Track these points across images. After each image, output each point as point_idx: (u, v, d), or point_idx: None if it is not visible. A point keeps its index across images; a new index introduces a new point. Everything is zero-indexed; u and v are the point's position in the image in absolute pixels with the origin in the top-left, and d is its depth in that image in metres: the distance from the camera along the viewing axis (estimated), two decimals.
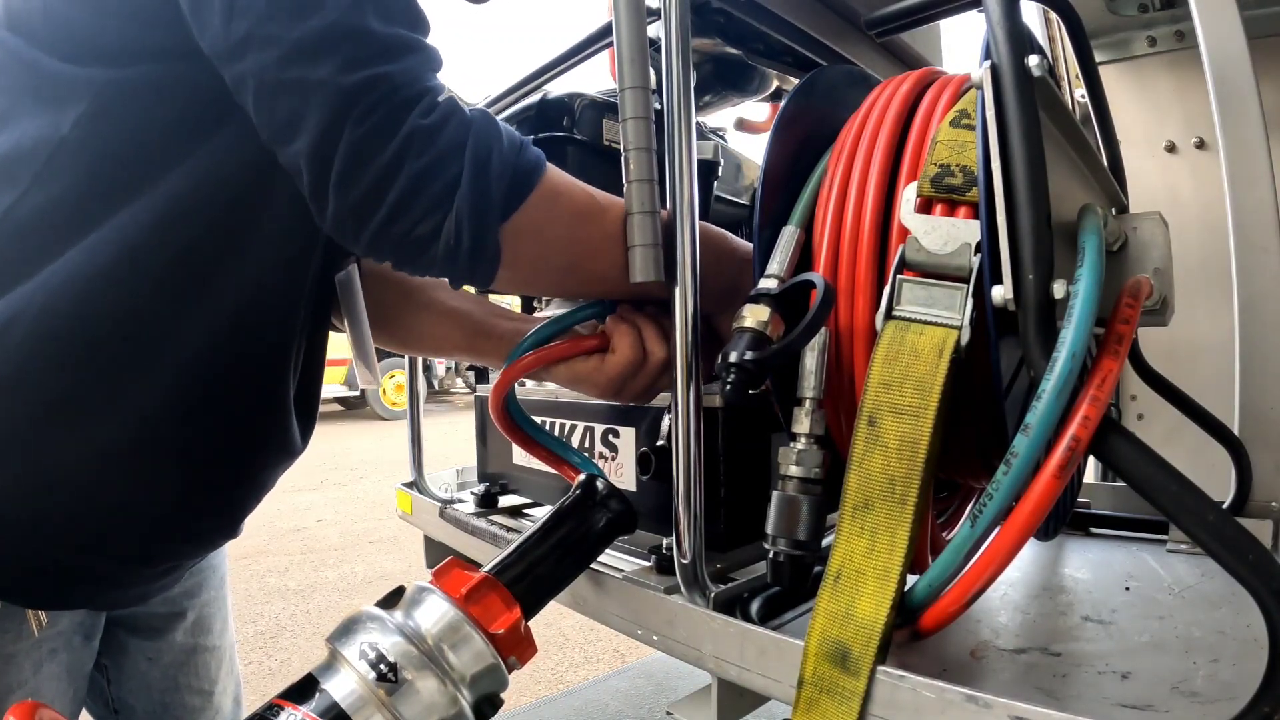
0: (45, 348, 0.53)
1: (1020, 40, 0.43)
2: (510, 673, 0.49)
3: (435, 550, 0.97)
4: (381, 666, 0.44)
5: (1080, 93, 1.07)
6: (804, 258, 0.58)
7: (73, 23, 0.53)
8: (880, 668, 0.43)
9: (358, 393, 8.43)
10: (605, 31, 0.82)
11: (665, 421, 0.70)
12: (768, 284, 0.55)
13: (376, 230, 0.49)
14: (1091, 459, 0.42)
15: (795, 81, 0.91)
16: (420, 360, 1.03)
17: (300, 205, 0.52)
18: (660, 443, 0.71)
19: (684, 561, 0.55)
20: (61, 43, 0.53)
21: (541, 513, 0.79)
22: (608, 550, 0.62)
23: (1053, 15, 1.08)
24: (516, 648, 0.50)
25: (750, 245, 0.67)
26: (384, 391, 8.46)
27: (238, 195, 0.56)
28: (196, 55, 0.51)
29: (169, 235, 0.54)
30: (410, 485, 1.02)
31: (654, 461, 0.69)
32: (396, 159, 0.48)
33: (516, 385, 0.68)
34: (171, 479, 0.60)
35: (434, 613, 0.47)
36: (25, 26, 0.54)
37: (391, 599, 0.49)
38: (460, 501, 0.95)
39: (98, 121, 0.53)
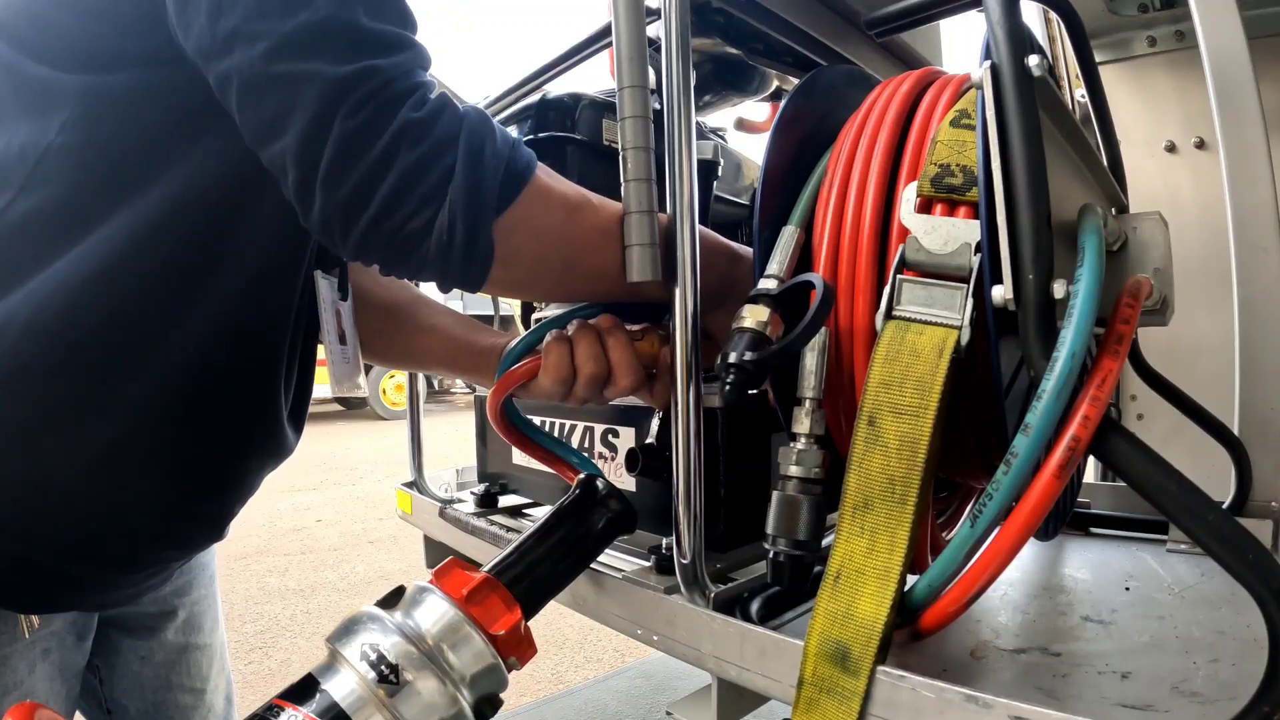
0: (34, 356, 0.52)
1: (1020, 40, 0.42)
2: (510, 673, 0.49)
3: (435, 550, 0.97)
4: (382, 667, 0.44)
5: (1080, 93, 1.07)
6: (804, 258, 0.58)
7: (60, 28, 0.53)
8: (880, 668, 0.43)
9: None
10: (605, 31, 0.82)
11: (655, 420, 0.71)
12: (767, 284, 0.55)
13: (366, 227, 0.48)
14: (1091, 459, 0.42)
15: (795, 81, 0.92)
16: None
17: (289, 210, 0.51)
18: (648, 441, 0.71)
19: (684, 561, 0.55)
20: (48, 48, 0.53)
21: (541, 513, 0.79)
22: (608, 550, 0.62)
23: (1053, 15, 1.08)
24: (517, 648, 0.50)
25: (731, 241, 0.67)
26: (384, 391, 8.46)
27: (224, 201, 0.56)
28: (182, 61, 0.51)
29: (156, 242, 0.54)
30: (410, 485, 1.02)
31: (640, 459, 0.69)
32: (388, 152, 0.47)
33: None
34: (161, 484, 0.60)
35: (434, 613, 0.47)
36: (10, 31, 0.54)
37: (391, 599, 0.49)
38: (460, 501, 0.95)
39: (84, 128, 0.53)
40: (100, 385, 0.55)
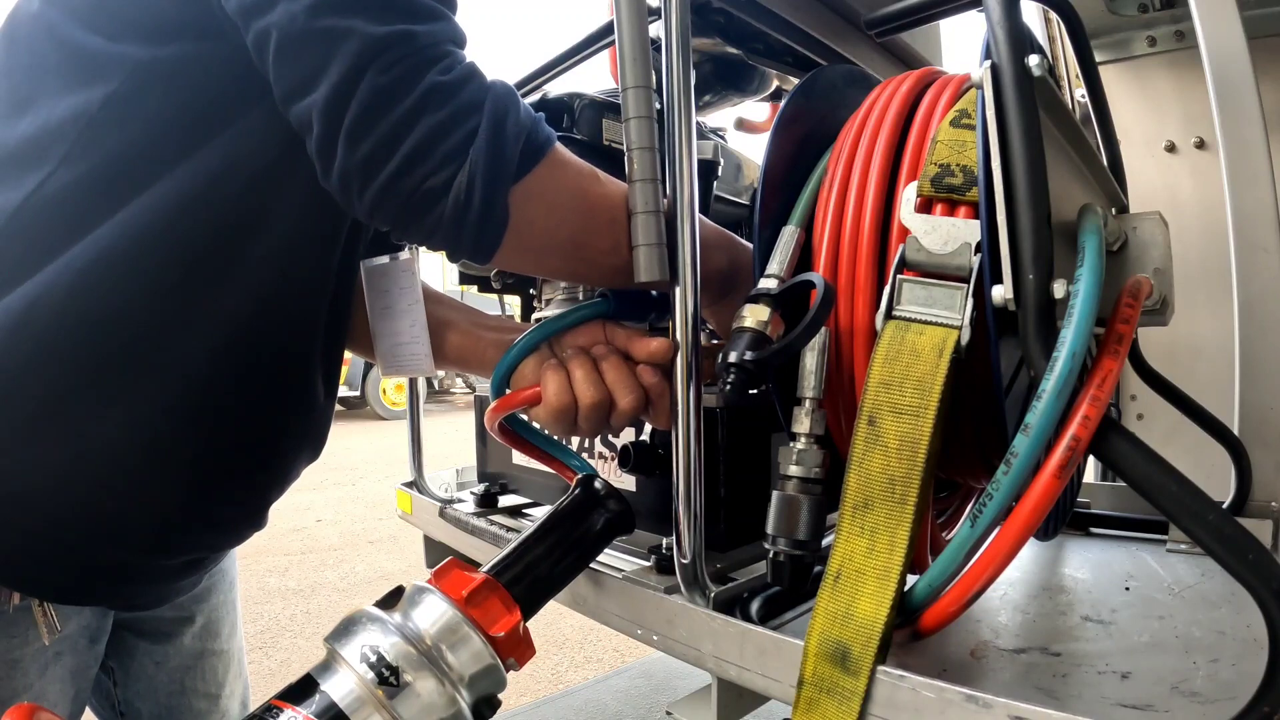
0: (70, 330, 0.52)
1: (1020, 40, 0.42)
2: (508, 673, 0.49)
3: (435, 550, 0.96)
4: (380, 667, 0.44)
5: (1080, 93, 1.07)
6: (804, 257, 0.58)
7: None
8: (880, 668, 0.43)
9: (357, 392, 8.43)
10: (605, 31, 0.82)
11: None
12: (768, 284, 0.55)
13: (384, 183, 0.49)
14: (1091, 459, 0.42)
15: (795, 81, 0.91)
16: None
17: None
18: (641, 438, 0.71)
19: (684, 561, 0.55)
20: (98, 16, 0.53)
21: (541, 512, 0.79)
22: (608, 550, 0.62)
23: (1053, 15, 1.08)
24: (515, 649, 0.49)
25: (721, 229, 0.67)
26: (384, 391, 8.46)
27: (262, 174, 0.56)
28: (226, 34, 0.52)
29: (197, 215, 0.54)
30: (410, 485, 1.02)
31: (633, 456, 0.69)
32: (413, 111, 0.48)
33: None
34: (196, 463, 0.59)
35: (432, 613, 0.47)
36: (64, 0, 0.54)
37: (390, 599, 0.49)
38: (460, 501, 0.95)
39: (129, 102, 0.53)
40: (138, 361, 0.54)
